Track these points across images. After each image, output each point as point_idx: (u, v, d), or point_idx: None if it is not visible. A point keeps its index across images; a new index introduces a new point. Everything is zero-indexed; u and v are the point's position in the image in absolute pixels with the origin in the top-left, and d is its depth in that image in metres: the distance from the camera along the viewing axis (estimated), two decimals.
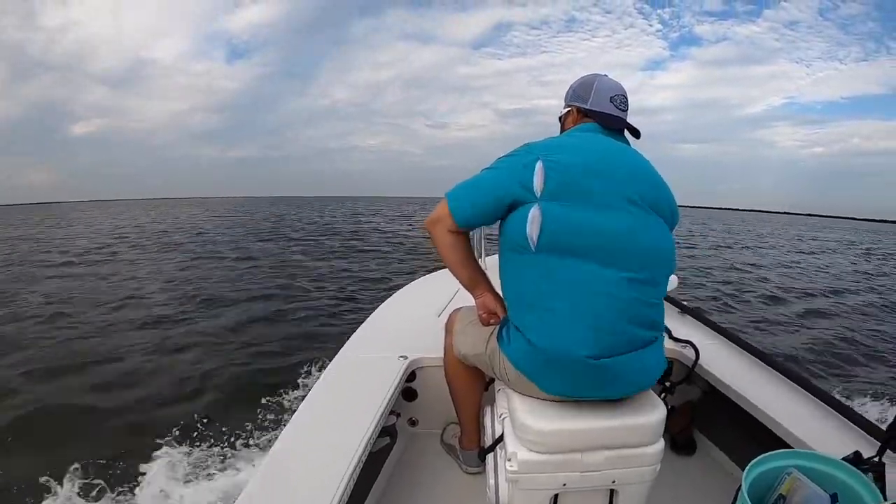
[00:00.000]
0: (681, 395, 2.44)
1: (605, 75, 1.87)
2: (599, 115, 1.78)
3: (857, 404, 4.76)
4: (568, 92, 1.89)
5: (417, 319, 2.87)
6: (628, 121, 1.80)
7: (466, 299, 1.91)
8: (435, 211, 1.69)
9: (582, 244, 1.48)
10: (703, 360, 2.28)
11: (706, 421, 2.45)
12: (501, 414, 1.70)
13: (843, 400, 1.91)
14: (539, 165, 1.52)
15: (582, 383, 1.51)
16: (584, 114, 1.81)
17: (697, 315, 2.92)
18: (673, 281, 2.23)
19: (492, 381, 2.05)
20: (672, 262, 1.64)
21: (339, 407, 1.89)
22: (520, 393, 1.62)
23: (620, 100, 1.80)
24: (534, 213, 1.50)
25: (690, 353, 2.32)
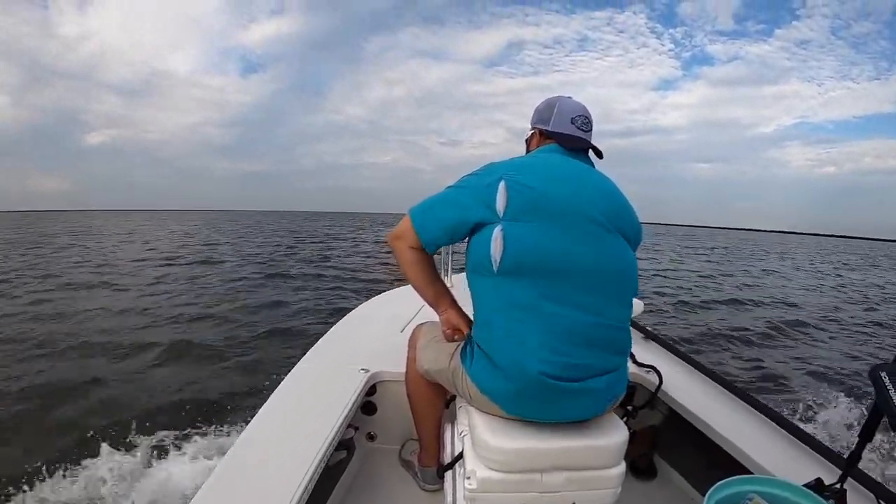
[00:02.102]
0: (642, 420, 2.47)
1: (569, 97, 1.89)
2: (561, 136, 1.80)
3: (818, 431, 4.85)
4: (533, 115, 1.90)
5: (380, 333, 2.86)
6: (592, 142, 1.82)
7: (430, 315, 1.92)
8: (398, 227, 1.71)
9: (545, 267, 1.50)
10: (666, 386, 2.30)
11: (667, 446, 2.47)
12: (462, 431, 1.71)
13: (804, 427, 1.93)
14: (502, 185, 1.55)
15: (543, 406, 1.53)
16: (547, 136, 1.84)
17: (661, 341, 2.94)
18: (638, 305, 2.32)
19: (453, 397, 2.05)
20: (635, 284, 1.65)
21: (294, 418, 1.87)
22: (481, 410, 1.63)
23: (582, 121, 1.82)
24: (496, 235, 1.52)
25: (654, 377, 2.35)
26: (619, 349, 1.62)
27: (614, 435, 1.56)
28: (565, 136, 1.80)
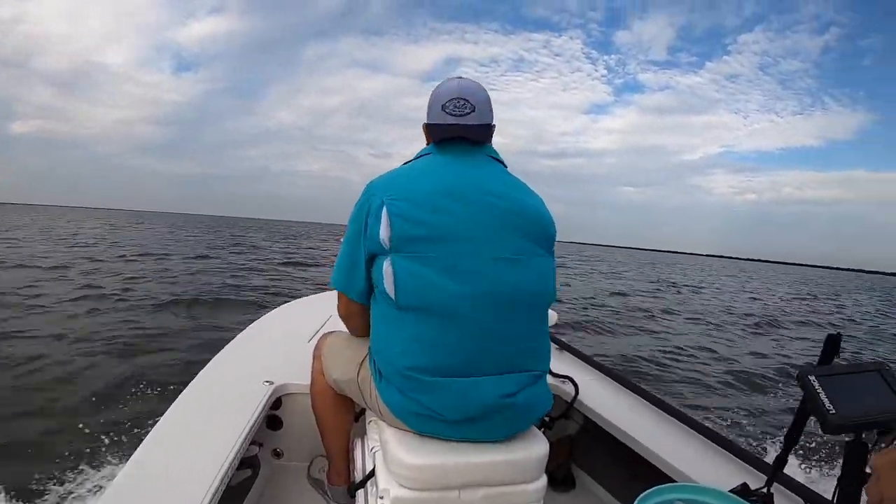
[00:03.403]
0: (559, 430, 2.47)
1: (458, 78, 1.65)
2: (434, 129, 1.62)
3: (744, 437, 5.01)
4: None
5: (286, 343, 2.73)
6: (476, 123, 1.59)
7: (337, 325, 1.85)
8: (338, 307, 1.70)
9: (444, 301, 1.44)
10: (583, 396, 2.31)
11: (585, 456, 2.48)
12: (373, 447, 1.66)
13: (725, 434, 1.94)
14: (385, 213, 1.46)
15: (459, 428, 1.50)
16: (428, 131, 1.67)
17: (575, 351, 2.96)
18: (552, 317, 2.26)
19: (363, 411, 1.99)
20: (550, 294, 1.62)
21: (192, 436, 1.73)
22: (392, 426, 1.57)
23: (455, 104, 1.58)
24: (387, 269, 1.46)
25: (569, 388, 2.35)
26: (537, 367, 1.59)
27: (534, 448, 1.53)
28: (435, 129, 1.61)
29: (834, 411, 0.98)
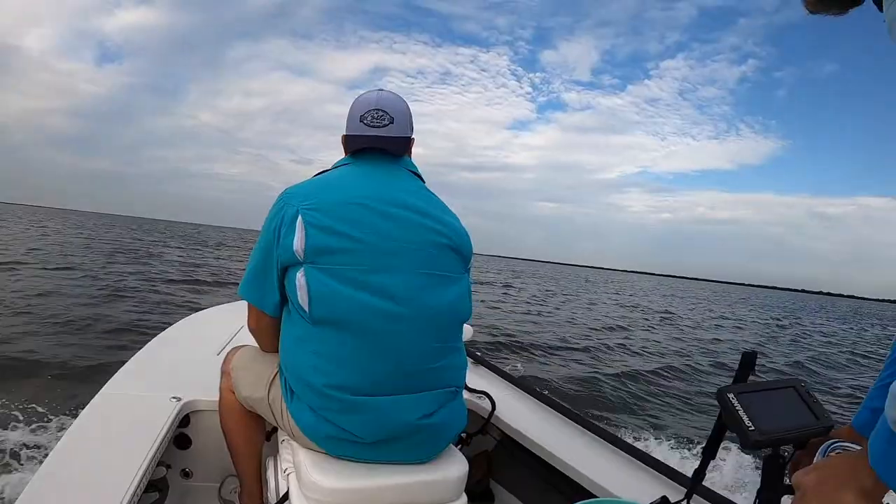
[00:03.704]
0: (476, 446, 2.45)
1: (378, 90, 1.64)
2: (352, 140, 1.60)
3: (658, 451, 5.11)
4: None
5: (194, 356, 2.57)
6: (394, 136, 1.58)
7: (249, 337, 1.77)
8: (248, 320, 1.63)
9: (359, 316, 1.41)
10: (499, 411, 2.30)
11: (503, 471, 2.47)
12: (286, 469, 1.58)
13: (643, 448, 1.96)
14: (300, 222, 1.42)
15: (375, 451, 1.46)
16: (347, 143, 1.64)
17: (491, 366, 2.95)
18: (468, 331, 2.25)
19: (275, 429, 1.90)
20: (466, 311, 1.60)
21: (95, 455, 1.60)
22: (306, 447, 1.51)
23: (373, 115, 1.57)
24: (300, 281, 1.42)
25: (486, 403, 2.34)
26: (452, 385, 1.57)
27: (453, 468, 1.52)
28: (353, 139, 1.59)
29: (754, 428, 0.99)
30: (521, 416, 2.30)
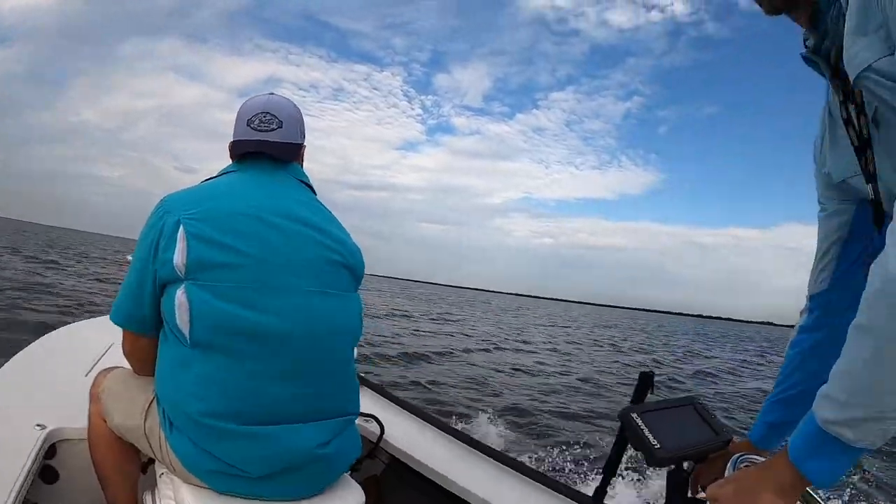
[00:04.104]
0: (365, 471, 2.39)
1: (270, 94, 1.57)
2: (238, 145, 1.51)
3: (556, 471, 5.23)
4: None
5: (61, 378, 2.27)
6: (281, 141, 1.50)
7: (120, 358, 1.60)
8: (122, 342, 1.48)
9: (245, 338, 1.31)
10: (388, 434, 2.25)
11: (393, 495, 2.41)
12: None
13: (539, 468, 1.95)
14: (181, 233, 1.30)
15: (264, 486, 1.34)
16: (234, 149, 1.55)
17: (379, 388, 2.89)
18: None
19: (152, 460, 1.76)
20: (359, 331, 1.55)
21: None
22: (188, 482, 1.37)
23: (260, 119, 1.49)
24: (180, 300, 1.29)
25: (374, 427, 2.28)
26: (347, 412, 1.51)
27: (350, 498, 1.47)
28: (239, 144, 1.51)
29: (659, 446, 1.03)
30: (410, 438, 2.26)
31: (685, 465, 1.12)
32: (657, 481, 4.56)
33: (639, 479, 4.66)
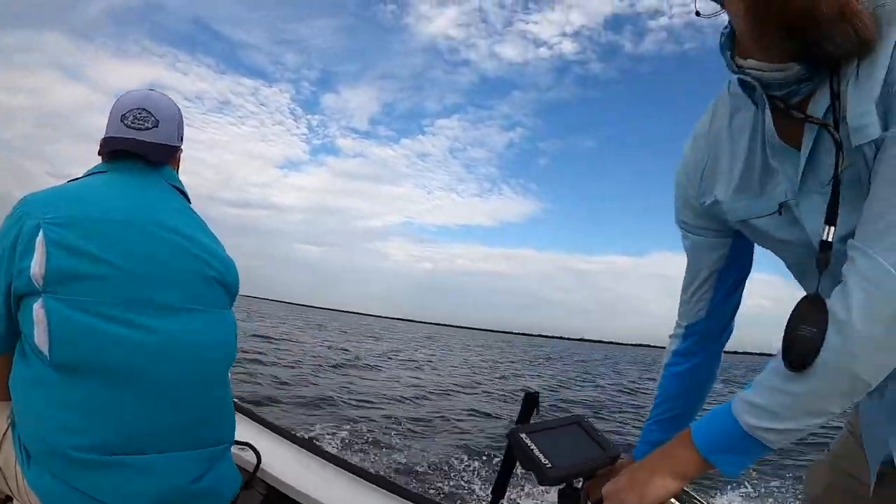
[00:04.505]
0: (242, 503, 2.26)
1: (150, 91, 1.47)
2: (110, 142, 1.39)
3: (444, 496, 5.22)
4: None
5: None
6: (155, 141, 1.40)
7: None
8: None
9: (114, 358, 1.19)
10: (265, 463, 2.15)
11: None
12: None
13: (427, 493, 1.95)
14: (40, 240, 1.17)
15: None
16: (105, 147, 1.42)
17: (253, 414, 2.77)
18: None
19: (9, 498, 1.60)
20: (233, 352, 1.47)
21: None
22: None
23: (136, 115, 1.39)
24: (38, 315, 1.16)
25: (250, 455, 2.17)
26: (222, 440, 1.42)
27: None
28: (110, 141, 1.39)
29: (550, 465, 1.04)
30: (290, 467, 2.18)
31: (575, 482, 1.16)
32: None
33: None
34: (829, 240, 0.83)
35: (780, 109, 0.91)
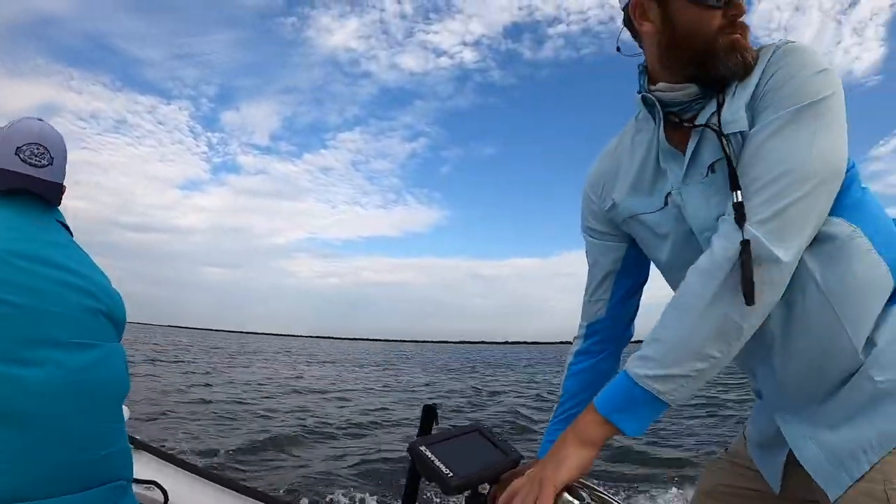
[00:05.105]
0: None
1: (39, 119, 1.43)
2: (5, 175, 1.33)
3: None
4: None
5: None
6: (52, 180, 1.38)
7: None
8: None
9: (6, 397, 1.11)
10: (173, 502, 2.07)
11: None
12: None
13: None
14: None
15: None
16: None
17: (157, 451, 2.67)
18: (125, 412, 2.02)
19: None
20: (126, 385, 1.41)
21: None
22: None
23: (33, 151, 1.35)
24: None
25: (157, 494, 2.09)
26: (120, 477, 1.35)
27: None
28: (5, 175, 1.34)
29: (452, 474, 1.06)
30: (199, 503, 2.13)
31: (481, 488, 1.16)
32: None
33: None
34: (739, 200, 0.97)
35: (674, 122, 1.13)
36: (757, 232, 0.94)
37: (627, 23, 1.19)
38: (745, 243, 0.93)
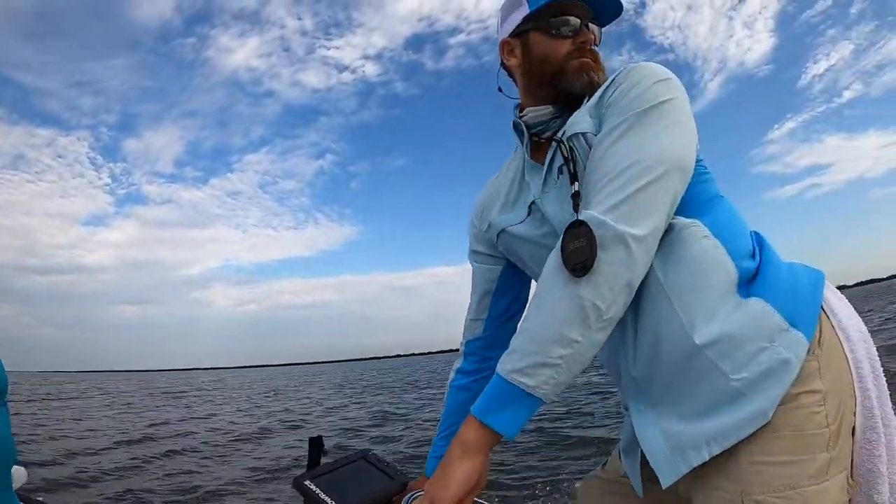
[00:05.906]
0: None
1: None
2: None
3: None
4: None
5: None
6: None
7: None
8: None
9: None
10: None
11: None
12: None
13: None
14: None
15: None
16: None
17: None
18: (20, 474, 1.73)
19: None
20: (10, 450, 1.31)
21: None
22: None
23: None
24: None
25: None
26: None
27: None
28: None
29: None
30: None
31: None
32: None
33: None
34: (577, 190, 1.07)
35: (536, 141, 1.30)
36: (605, 217, 0.97)
37: (502, 63, 1.36)
38: (578, 223, 0.98)
